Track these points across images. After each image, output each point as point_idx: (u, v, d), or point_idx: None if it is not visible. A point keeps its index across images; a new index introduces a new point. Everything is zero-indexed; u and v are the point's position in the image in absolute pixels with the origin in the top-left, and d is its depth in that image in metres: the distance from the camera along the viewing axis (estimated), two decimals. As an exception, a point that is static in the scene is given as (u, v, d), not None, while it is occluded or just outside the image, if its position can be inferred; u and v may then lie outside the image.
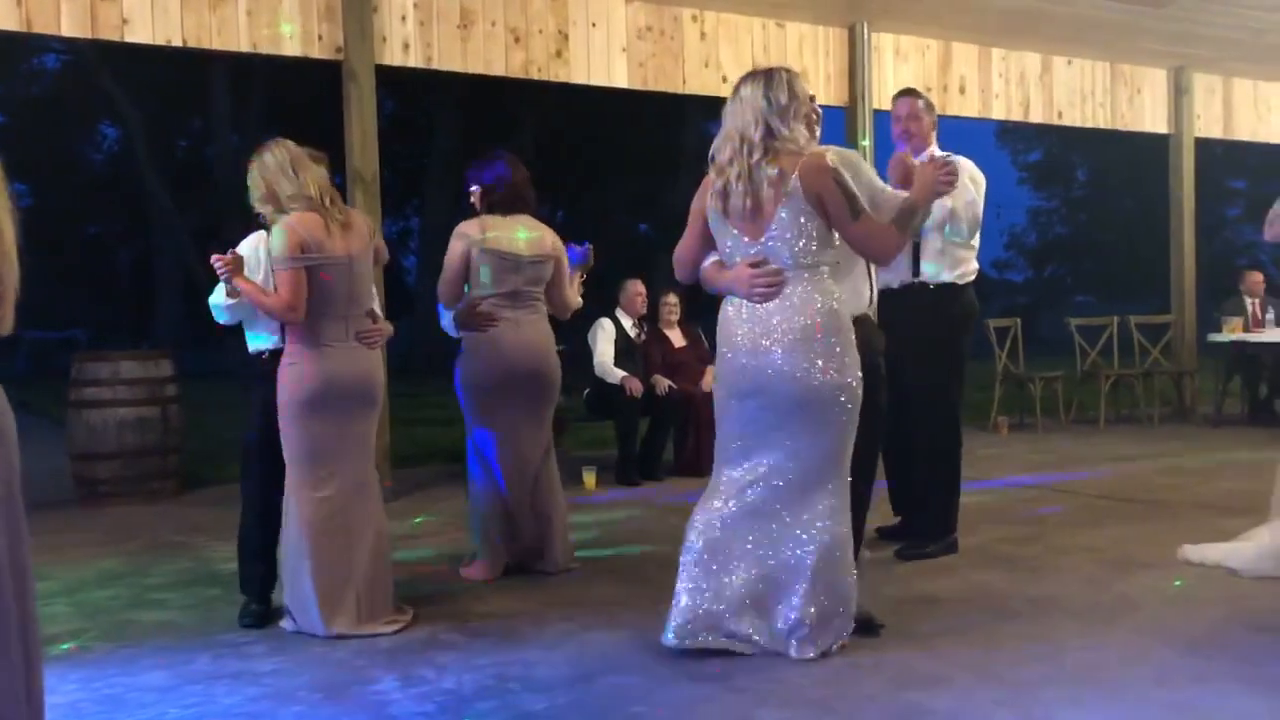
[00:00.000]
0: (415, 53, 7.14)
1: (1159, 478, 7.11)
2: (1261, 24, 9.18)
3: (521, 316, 4.77)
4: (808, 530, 3.50)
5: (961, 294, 4.96)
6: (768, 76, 3.55)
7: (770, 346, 3.46)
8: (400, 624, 4.03)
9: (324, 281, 3.94)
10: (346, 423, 4.01)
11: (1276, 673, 3.35)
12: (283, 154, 4.01)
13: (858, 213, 3.44)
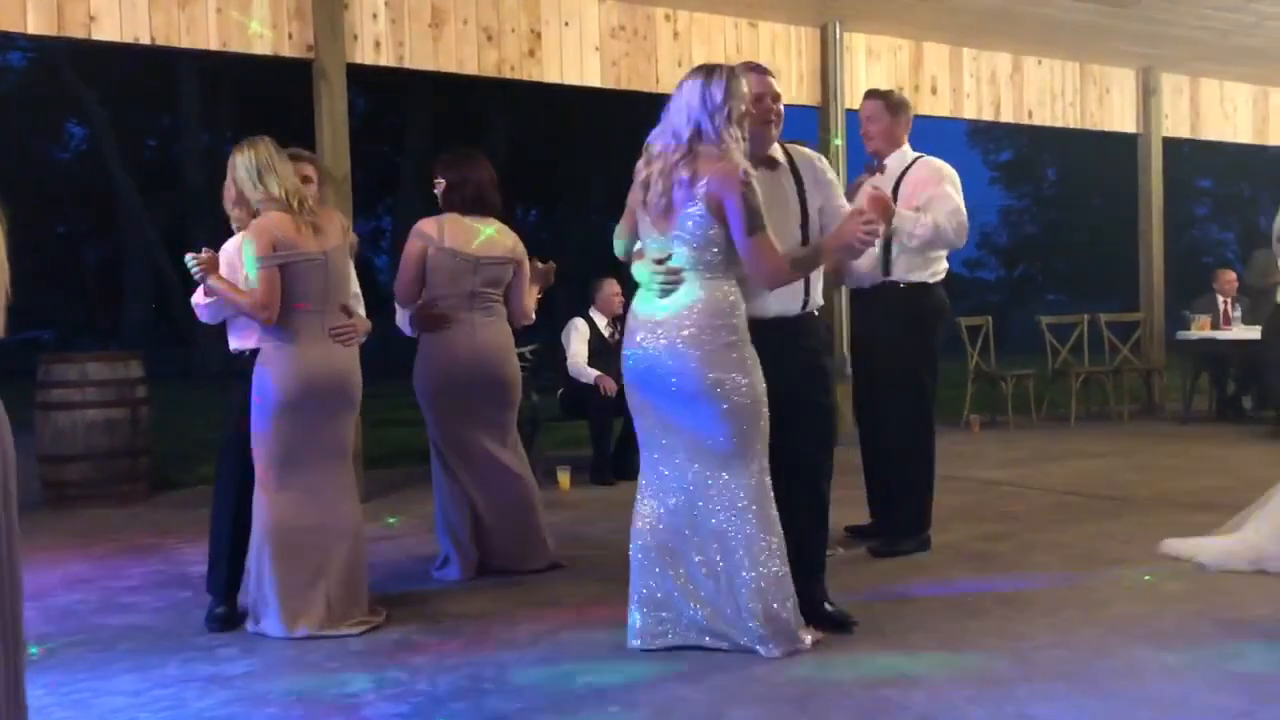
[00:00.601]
0: (387, 51, 7.10)
1: (1128, 474, 7.17)
2: (1226, 25, 9.29)
3: (478, 319, 4.74)
4: (727, 528, 3.52)
5: (932, 293, 4.99)
6: (708, 73, 3.54)
7: (661, 344, 3.51)
8: (369, 625, 4.00)
9: (298, 278, 3.92)
10: (323, 422, 3.99)
11: (1244, 667, 3.39)
12: (251, 157, 3.96)
13: (754, 230, 3.42)
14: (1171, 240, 11.81)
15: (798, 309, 3.82)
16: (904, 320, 4.94)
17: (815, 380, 3.82)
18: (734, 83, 3.52)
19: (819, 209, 3.84)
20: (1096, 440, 8.97)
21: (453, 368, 4.69)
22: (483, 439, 4.75)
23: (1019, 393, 10.18)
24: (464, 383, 4.69)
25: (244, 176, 3.97)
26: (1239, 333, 9.73)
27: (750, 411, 3.49)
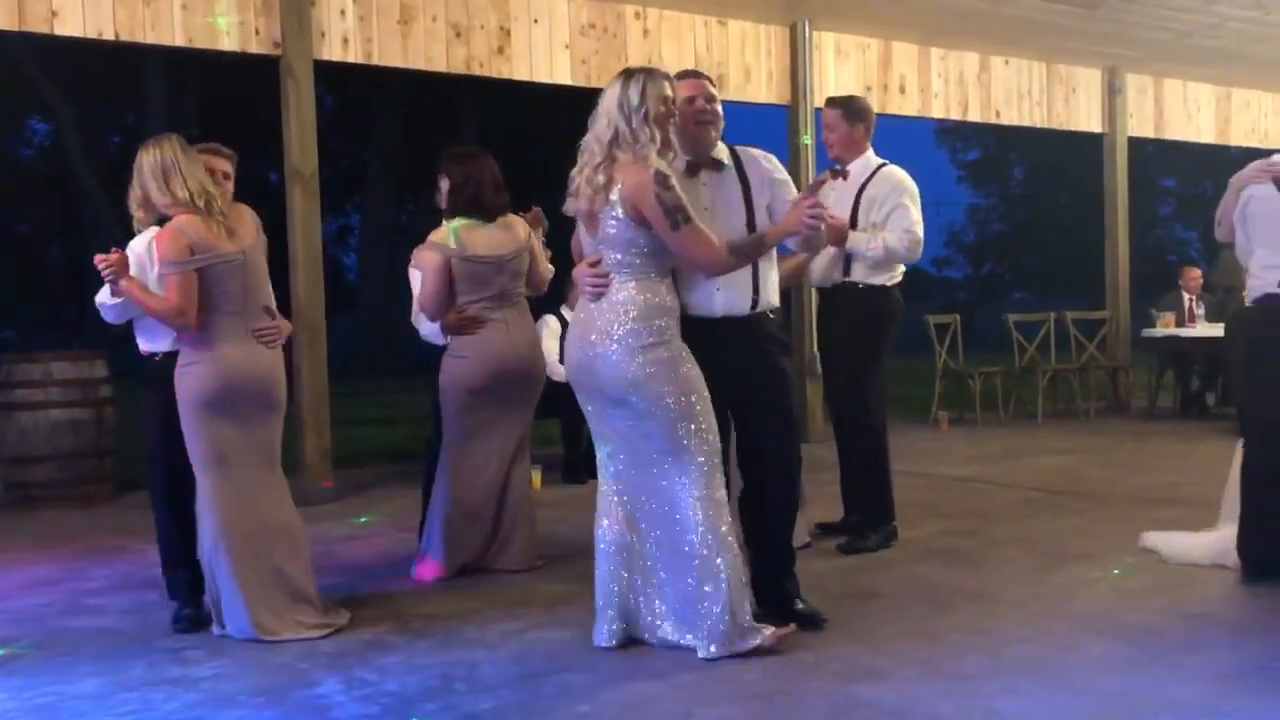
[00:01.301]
0: (355, 48, 7.05)
1: (1095, 471, 7.25)
2: (1188, 26, 9.39)
3: (510, 316, 4.77)
4: (673, 527, 3.54)
5: (888, 295, 5.04)
6: (626, 76, 3.58)
7: (594, 344, 3.56)
8: (333, 626, 3.97)
9: (218, 280, 3.85)
10: (248, 424, 3.91)
11: (1206, 660, 3.43)
12: (157, 157, 3.88)
13: (678, 225, 3.44)
14: (1136, 239, 11.92)
15: (747, 309, 3.77)
16: (860, 320, 5.01)
17: (770, 380, 3.79)
18: (651, 84, 3.53)
19: (766, 207, 3.81)
20: (1063, 437, 9.05)
21: (489, 366, 4.69)
22: (501, 437, 4.76)
23: (987, 390, 10.26)
24: (498, 381, 4.70)
25: (150, 177, 3.88)
26: (1203, 330, 9.85)
27: (680, 412, 3.50)
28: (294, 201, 6.73)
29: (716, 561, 3.49)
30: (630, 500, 3.64)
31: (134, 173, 3.96)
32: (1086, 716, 2.99)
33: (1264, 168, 4.36)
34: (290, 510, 4.06)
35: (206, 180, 3.94)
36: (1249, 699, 3.09)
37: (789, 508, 3.89)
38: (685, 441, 3.52)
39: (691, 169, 3.76)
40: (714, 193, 3.76)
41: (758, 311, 3.80)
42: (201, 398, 3.85)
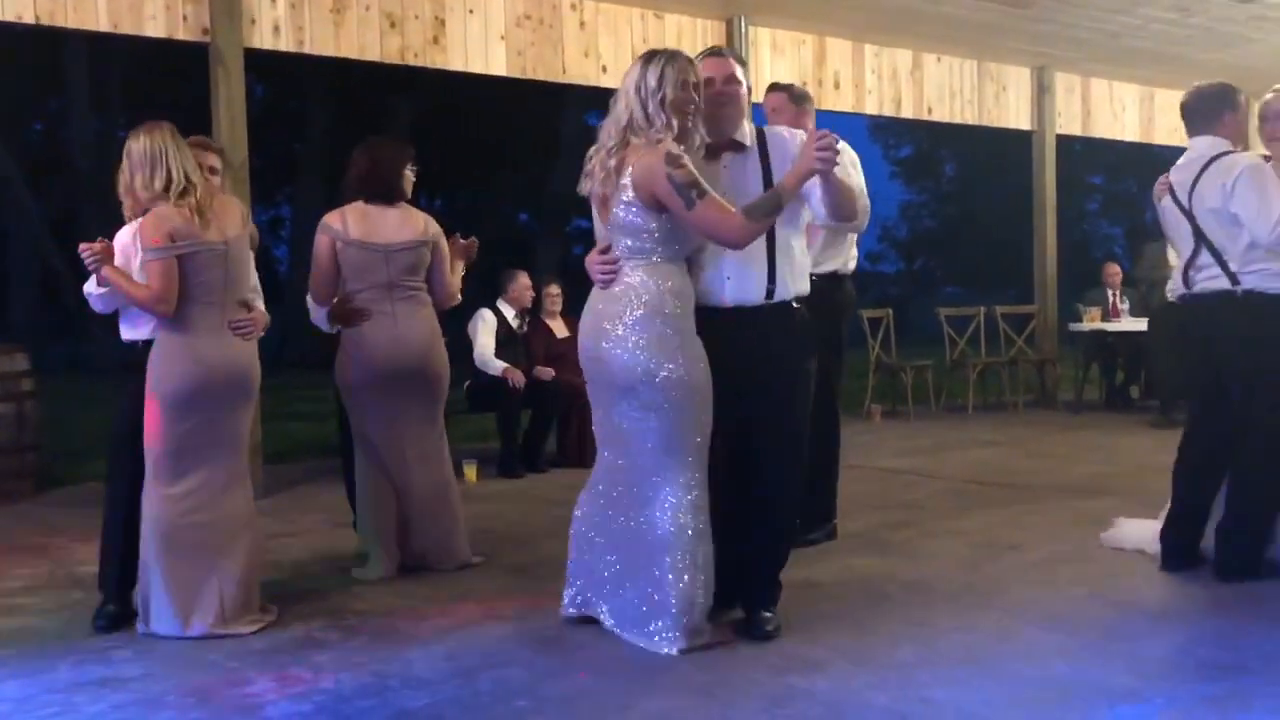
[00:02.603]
0: (286, 36, 6.93)
1: (1024, 462, 7.38)
2: (1115, 27, 9.59)
3: (399, 309, 4.62)
4: (650, 518, 3.51)
5: (842, 284, 5.06)
6: (646, 59, 3.50)
7: (602, 332, 3.53)
8: (262, 623, 3.91)
9: (198, 269, 3.80)
10: (219, 415, 3.88)
11: (1133, 647, 3.51)
12: (147, 144, 3.81)
13: (692, 202, 3.35)
14: (1064, 234, 12.16)
15: (759, 298, 3.62)
16: (815, 310, 5.00)
17: (780, 379, 3.63)
18: (671, 68, 3.45)
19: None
20: (993, 429, 9.20)
21: (376, 362, 4.56)
22: (408, 434, 4.65)
23: (919, 383, 10.39)
24: (389, 377, 4.57)
25: (139, 164, 3.82)
26: (1127, 324, 10.07)
27: (682, 408, 3.45)
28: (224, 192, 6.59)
29: (680, 561, 3.46)
30: (611, 489, 3.63)
31: (123, 158, 3.87)
32: (1018, 704, 3.04)
33: (1160, 183, 4.51)
34: (245, 505, 3.99)
35: (194, 171, 3.88)
36: (1173, 684, 3.17)
37: (776, 513, 3.72)
38: (680, 439, 3.47)
39: (712, 151, 3.63)
40: (734, 175, 3.64)
41: (774, 303, 3.65)
42: (173, 387, 3.79)
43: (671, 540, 3.47)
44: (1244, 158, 4.25)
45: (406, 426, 4.65)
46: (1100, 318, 10.22)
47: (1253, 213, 4.12)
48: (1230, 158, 4.25)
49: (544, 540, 5.20)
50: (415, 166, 4.80)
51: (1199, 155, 4.34)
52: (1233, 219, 4.18)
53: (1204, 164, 4.29)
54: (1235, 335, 4.23)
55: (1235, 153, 4.28)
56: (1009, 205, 24.99)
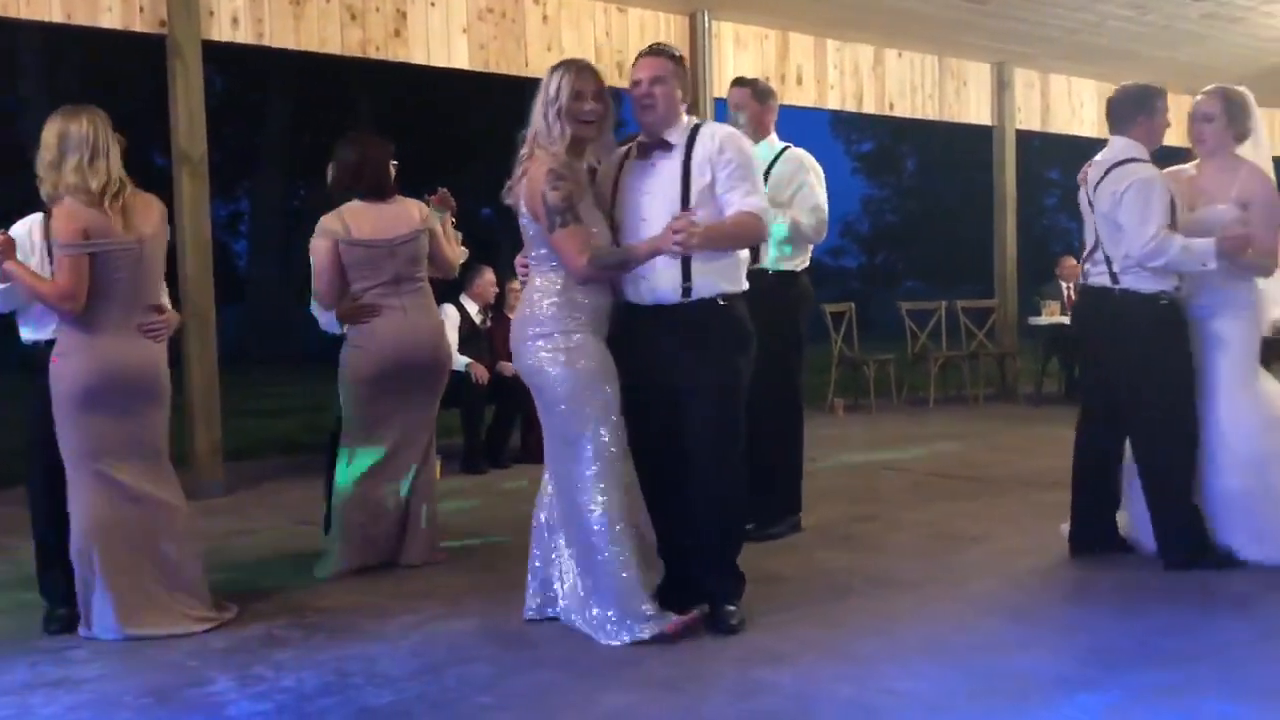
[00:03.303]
0: (245, 28, 6.85)
1: (984, 455, 7.45)
2: (1073, 24, 9.69)
3: (408, 303, 4.62)
4: (574, 512, 3.58)
5: (798, 280, 5.08)
6: (551, 70, 3.63)
7: (515, 333, 3.67)
8: (217, 622, 3.86)
9: (109, 268, 3.70)
10: (128, 417, 3.78)
11: (1091, 638, 3.56)
12: (89, 132, 3.70)
13: (554, 226, 3.49)
14: (1024, 229, 12.28)
15: (677, 297, 3.60)
16: (771, 306, 5.01)
17: (700, 376, 3.60)
18: (566, 78, 3.56)
19: (700, 190, 3.61)
20: (954, 422, 9.28)
21: (387, 356, 4.55)
22: (405, 429, 4.64)
23: (881, 377, 10.46)
24: (397, 370, 4.56)
25: (77, 148, 3.69)
26: (1085, 318, 10.17)
27: (567, 398, 3.54)
28: (182, 186, 6.51)
29: (608, 550, 3.50)
30: (552, 482, 3.72)
31: (54, 138, 3.72)
32: (980, 694, 3.07)
33: (1082, 172, 4.62)
34: (172, 498, 3.91)
35: (121, 168, 3.78)
36: (1130, 673, 3.21)
37: (716, 508, 3.68)
38: (573, 433, 3.55)
39: (644, 150, 3.69)
40: (657, 175, 3.67)
41: (694, 300, 3.60)
42: (76, 389, 3.70)
43: (600, 535, 3.52)
44: (1139, 170, 4.33)
45: (408, 420, 4.65)
46: (1059, 311, 10.33)
47: (1133, 225, 4.25)
48: (1128, 167, 4.35)
49: (508, 536, 5.19)
50: (395, 161, 4.79)
51: (1111, 156, 4.45)
52: (1118, 225, 4.31)
53: (1109, 167, 4.40)
54: (1108, 331, 4.43)
55: (1136, 162, 4.36)
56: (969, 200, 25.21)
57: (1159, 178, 4.30)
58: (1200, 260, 4.19)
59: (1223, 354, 4.33)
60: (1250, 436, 4.29)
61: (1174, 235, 4.20)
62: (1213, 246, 4.17)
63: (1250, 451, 4.29)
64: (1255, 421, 4.30)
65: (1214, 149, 4.40)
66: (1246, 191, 4.30)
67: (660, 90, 3.64)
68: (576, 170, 3.58)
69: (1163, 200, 4.24)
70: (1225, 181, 4.37)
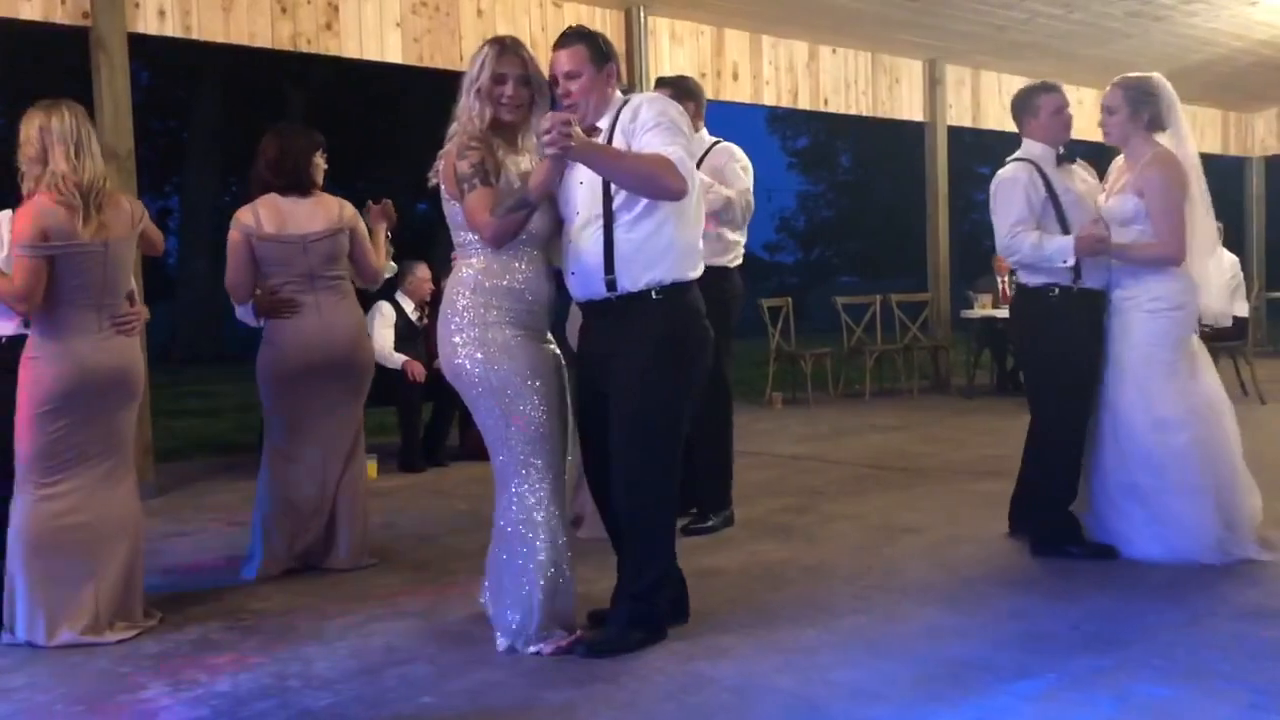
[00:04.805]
0: (172, 21, 6.71)
1: (919, 446, 7.55)
2: (1003, 21, 9.85)
3: (323, 300, 4.52)
4: (499, 515, 3.49)
5: (729, 276, 5.10)
6: (480, 47, 3.50)
7: (440, 331, 3.54)
8: (141, 629, 3.76)
9: (74, 270, 3.63)
10: (100, 417, 3.72)
11: (1026, 625, 3.62)
12: (72, 125, 3.63)
13: (458, 197, 3.40)
14: (956, 224, 12.46)
15: (602, 292, 3.44)
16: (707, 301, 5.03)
17: (623, 374, 3.43)
18: (490, 58, 3.43)
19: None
20: (890, 414, 9.40)
21: (299, 353, 4.46)
22: (329, 428, 4.54)
23: (817, 371, 10.55)
24: (315, 368, 4.47)
25: (58, 141, 3.61)
26: (1016, 311, 10.35)
27: (493, 401, 3.41)
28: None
29: (518, 553, 3.42)
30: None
31: (34, 132, 3.64)
32: (917, 684, 3.11)
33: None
34: (128, 507, 3.84)
35: (102, 163, 3.70)
36: (1064, 659, 3.27)
37: (631, 518, 3.49)
38: (505, 430, 3.43)
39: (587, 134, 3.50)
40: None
41: (620, 295, 3.42)
42: (47, 393, 3.62)
43: (508, 536, 3.44)
44: (1005, 169, 4.53)
45: (329, 420, 4.54)
46: (991, 305, 10.49)
47: (996, 223, 4.50)
48: (1005, 166, 4.56)
49: (446, 535, 5.15)
50: (325, 154, 4.70)
51: (1015, 156, 4.61)
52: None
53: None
54: (1012, 323, 4.81)
55: (1012, 162, 4.55)
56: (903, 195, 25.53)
57: (1021, 175, 4.45)
58: (1059, 257, 4.33)
59: (1133, 346, 4.37)
60: (1144, 431, 4.31)
61: (1029, 232, 4.37)
62: (1070, 244, 4.31)
63: (1138, 447, 4.32)
64: (1149, 419, 4.30)
65: (1121, 140, 4.48)
66: (1142, 180, 4.36)
67: (577, 85, 3.46)
68: (493, 145, 3.44)
69: (1021, 198, 4.41)
70: (1133, 171, 4.45)
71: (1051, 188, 4.44)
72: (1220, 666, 3.18)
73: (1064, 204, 4.43)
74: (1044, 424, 4.57)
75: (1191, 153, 4.45)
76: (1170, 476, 4.29)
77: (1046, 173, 4.48)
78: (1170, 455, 4.29)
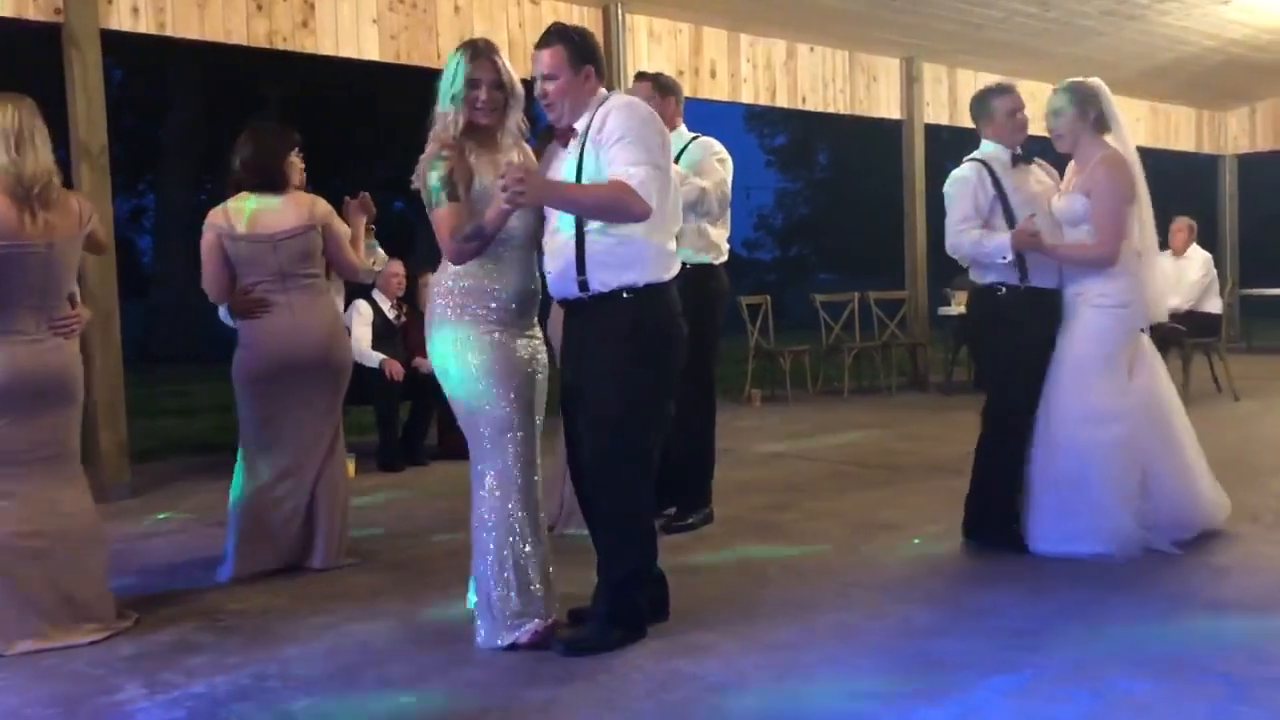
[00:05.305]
0: (146, 18, 6.65)
1: (898, 444, 7.58)
2: (979, 19, 9.90)
3: (295, 299, 4.48)
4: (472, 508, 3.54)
5: (715, 274, 5.11)
6: (453, 51, 3.55)
7: (426, 329, 3.62)
8: (112, 631, 3.71)
9: (13, 270, 3.56)
10: (38, 421, 3.64)
11: (1002, 621, 3.64)
12: (14, 119, 3.57)
13: (431, 206, 3.44)
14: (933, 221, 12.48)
15: (575, 292, 3.45)
16: (687, 300, 5.03)
17: (590, 373, 3.46)
18: (464, 64, 3.47)
19: (592, 177, 3.40)
20: (868, 412, 9.43)
21: (272, 354, 4.43)
22: (307, 428, 4.51)
23: (796, 368, 10.57)
24: (284, 369, 4.43)
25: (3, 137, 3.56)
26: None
27: (464, 395, 3.48)
28: (81, 180, 6.31)
29: (488, 547, 3.45)
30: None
31: None
32: (896, 679, 3.12)
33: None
34: (78, 510, 3.77)
35: (51, 160, 3.64)
36: (1040, 654, 3.29)
37: (600, 509, 3.53)
38: (471, 429, 3.50)
39: (563, 136, 3.55)
40: (563, 165, 3.53)
41: (593, 295, 3.42)
42: None
43: (477, 529, 3.49)
44: (959, 169, 4.61)
45: (304, 420, 4.51)
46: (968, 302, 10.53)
47: (947, 219, 4.60)
48: (959, 166, 4.62)
49: (425, 534, 5.14)
50: (301, 153, 4.68)
51: (970, 156, 4.66)
52: None
53: None
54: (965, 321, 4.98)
55: (967, 162, 4.61)
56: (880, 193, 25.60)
57: (971, 175, 4.53)
58: (998, 253, 4.41)
59: (1075, 339, 4.41)
60: (1074, 422, 4.34)
61: (972, 230, 4.46)
62: (1008, 240, 4.38)
63: (1067, 438, 4.35)
64: (1081, 410, 4.33)
65: (1071, 141, 4.52)
66: (1090, 181, 4.42)
67: (554, 87, 3.45)
68: (465, 152, 3.46)
69: (968, 196, 4.49)
70: (1083, 172, 4.50)
71: (1001, 187, 4.50)
72: (1195, 659, 3.21)
73: (1013, 204, 4.47)
74: (989, 420, 4.62)
75: (1133, 154, 4.50)
76: (1091, 469, 4.32)
77: (997, 173, 4.54)
78: (1094, 448, 4.32)
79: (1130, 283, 4.41)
